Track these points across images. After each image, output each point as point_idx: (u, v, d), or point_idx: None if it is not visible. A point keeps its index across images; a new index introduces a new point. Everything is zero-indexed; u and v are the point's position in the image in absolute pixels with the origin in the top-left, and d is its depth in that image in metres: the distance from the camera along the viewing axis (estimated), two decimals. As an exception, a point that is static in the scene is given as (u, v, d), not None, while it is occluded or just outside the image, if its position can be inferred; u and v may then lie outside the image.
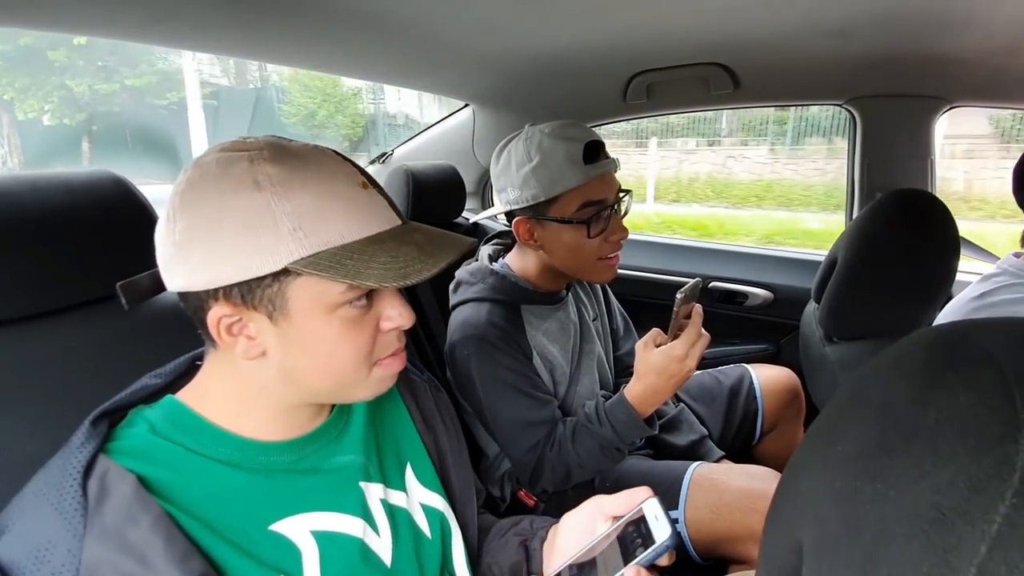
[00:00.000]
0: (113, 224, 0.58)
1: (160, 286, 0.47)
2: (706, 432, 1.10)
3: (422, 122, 9.17)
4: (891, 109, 1.26)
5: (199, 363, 0.51)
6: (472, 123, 1.63)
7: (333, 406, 0.55)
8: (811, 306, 1.12)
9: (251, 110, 9.25)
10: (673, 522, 0.45)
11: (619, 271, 0.92)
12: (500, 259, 1.00)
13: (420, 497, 0.57)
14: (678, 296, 0.75)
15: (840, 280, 0.92)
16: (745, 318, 1.56)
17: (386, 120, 9.71)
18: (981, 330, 0.19)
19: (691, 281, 0.78)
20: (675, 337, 0.79)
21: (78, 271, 0.55)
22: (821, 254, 1.45)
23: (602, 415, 0.84)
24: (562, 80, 1.28)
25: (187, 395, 0.49)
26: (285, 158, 0.43)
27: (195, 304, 0.44)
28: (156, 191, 0.63)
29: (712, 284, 1.57)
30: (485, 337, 0.87)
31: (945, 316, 0.98)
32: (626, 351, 1.16)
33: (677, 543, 0.44)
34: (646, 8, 0.85)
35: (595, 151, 0.85)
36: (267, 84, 10.04)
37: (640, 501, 0.48)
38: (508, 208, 0.90)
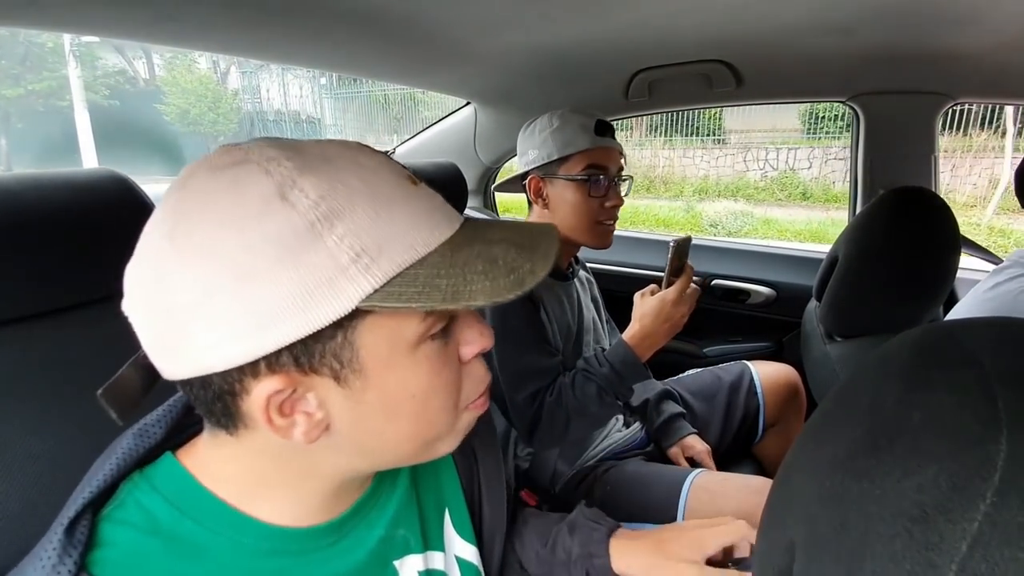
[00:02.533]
0: (115, 222, 0.58)
1: (154, 376, 0.35)
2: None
3: (318, 118, 10.62)
4: (895, 105, 1.25)
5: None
6: (474, 121, 1.63)
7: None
8: (812, 304, 1.11)
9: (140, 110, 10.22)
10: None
11: (621, 269, 0.96)
12: None
13: (457, 550, 0.50)
14: (671, 245, 0.86)
15: (841, 278, 0.91)
16: (747, 316, 1.56)
17: (273, 118, 10.89)
18: (965, 330, 0.19)
19: (683, 235, 0.91)
20: (669, 285, 0.89)
21: (80, 270, 0.55)
22: (823, 252, 1.45)
23: (600, 358, 0.90)
24: (564, 78, 1.28)
25: (194, 464, 0.37)
26: (311, 160, 0.32)
27: (220, 389, 0.32)
28: (156, 190, 0.63)
29: (714, 282, 1.57)
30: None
31: (957, 313, 0.98)
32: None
33: None
34: (648, 5, 0.84)
35: (605, 128, 0.98)
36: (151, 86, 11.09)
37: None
38: (526, 168, 1.01)
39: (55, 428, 0.50)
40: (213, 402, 0.33)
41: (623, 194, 1.02)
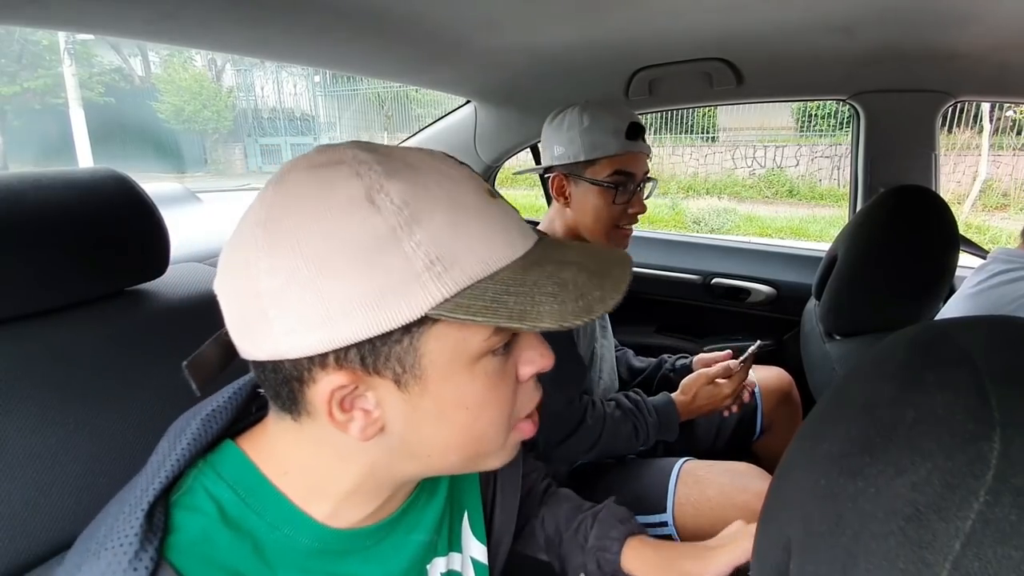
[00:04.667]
0: (116, 221, 0.58)
1: (231, 354, 0.37)
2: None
3: (312, 116, 10.75)
4: (895, 104, 1.25)
5: (260, 389, 0.40)
6: (474, 120, 1.63)
7: None
8: (812, 303, 1.11)
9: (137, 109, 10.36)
10: None
11: None
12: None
13: (472, 551, 0.51)
14: (752, 350, 1.01)
15: (840, 277, 0.91)
16: (747, 314, 1.56)
17: (268, 115, 11.05)
18: (959, 329, 0.20)
19: (756, 344, 1.02)
20: (726, 377, 1.00)
21: (81, 268, 0.55)
22: (824, 250, 1.45)
23: (648, 407, 0.97)
24: (564, 76, 1.28)
25: (257, 454, 0.38)
26: (398, 166, 0.33)
27: (289, 375, 0.33)
28: (156, 188, 0.63)
29: (715, 280, 1.57)
30: None
31: (946, 312, 0.98)
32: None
33: None
34: (648, 3, 0.84)
35: (637, 132, 0.95)
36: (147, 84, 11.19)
37: None
38: (552, 163, 0.99)
39: (56, 427, 0.50)
40: (281, 385, 0.34)
41: (646, 196, 1.01)
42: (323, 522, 0.38)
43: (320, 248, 0.30)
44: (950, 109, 1.28)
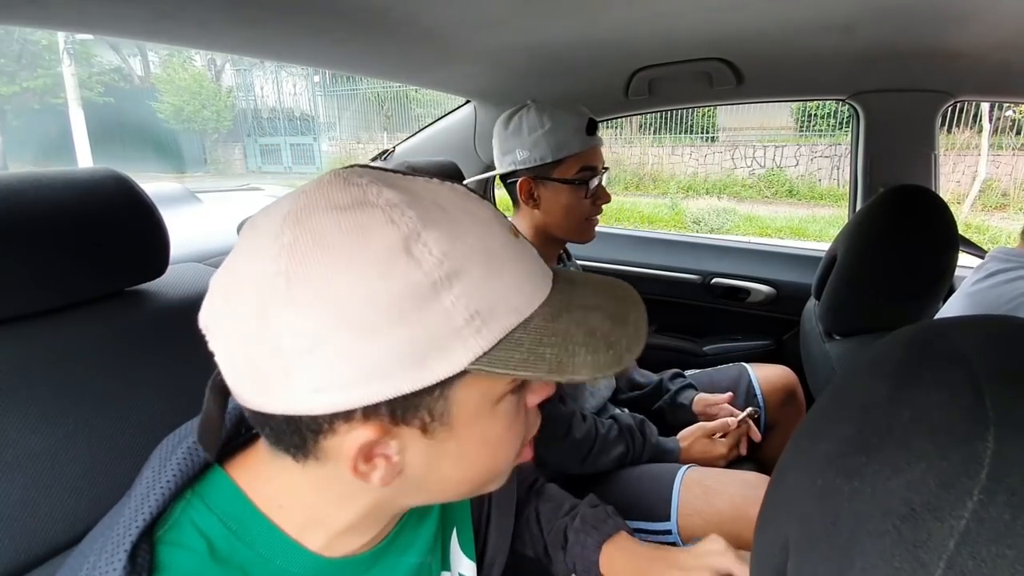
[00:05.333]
0: (116, 221, 0.58)
1: (226, 396, 0.34)
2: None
3: (312, 116, 10.74)
4: (895, 103, 1.25)
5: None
6: (474, 119, 1.63)
7: None
8: (811, 303, 1.11)
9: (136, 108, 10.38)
10: None
11: (621, 267, 0.96)
12: None
13: (461, 568, 0.51)
14: (741, 416, 1.05)
15: (840, 276, 0.91)
16: (747, 314, 1.56)
17: (268, 115, 11.09)
18: (955, 329, 0.20)
19: (750, 410, 1.07)
20: (724, 435, 1.04)
21: (81, 268, 0.55)
22: (824, 250, 1.45)
23: (651, 435, 1.01)
24: (564, 76, 1.28)
25: (249, 483, 0.36)
26: (430, 210, 0.31)
27: (305, 427, 0.31)
28: (156, 188, 0.63)
29: (715, 280, 1.57)
30: None
31: (944, 313, 0.99)
32: None
33: None
34: (648, 3, 0.84)
35: (594, 127, 0.99)
36: (146, 84, 11.22)
37: None
38: (513, 168, 0.99)
39: (55, 427, 0.50)
40: (291, 435, 0.32)
41: (604, 183, 1.04)
42: (318, 552, 0.37)
43: (356, 307, 0.28)
44: (950, 109, 1.28)
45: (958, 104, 1.75)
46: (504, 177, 1.03)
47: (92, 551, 0.33)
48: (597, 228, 1.04)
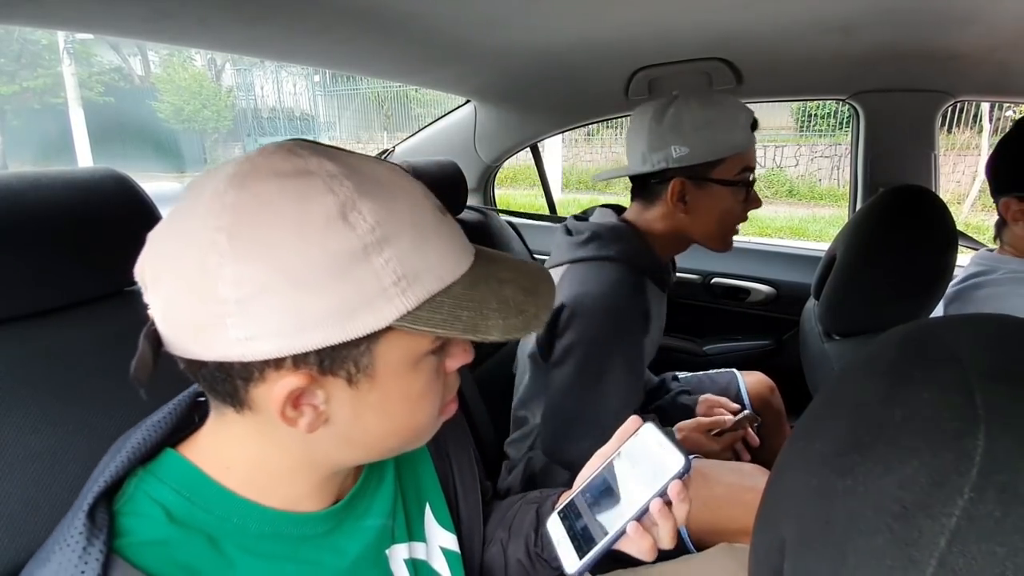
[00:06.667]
0: (115, 221, 0.58)
1: (159, 348, 0.36)
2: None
3: (312, 116, 10.77)
4: (895, 103, 1.25)
5: (201, 399, 0.42)
6: (474, 119, 1.63)
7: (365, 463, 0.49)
8: (811, 303, 1.12)
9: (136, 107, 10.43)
10: (681, 446, 0.44)
11: None
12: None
13: (439, 540, 0.54)
14: (737, 419, 1.04)
15: (839, 276, 0.92)
16: (747, 314, 1.56)
17: (268, 115, 11.05)
18: (946, 328, 0.20)
19: (747, 413, 1.05)
20: (718, 434, 1.01)
21: (81, 268, 0.55)
22: (823, 250, 1.45)
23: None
24: (564, 76, 1.28)
25: (198, 456, 0.39)
26: (367, 184, 0.34)
27: (236, 374, 0.34)
28: (156, 188, 0.63)
29: (715, 280, 1.57)
30: (627, 306, 0.86)
31: (937, 314, 0.99)
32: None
33: (690, 465, 0.43)
34: (648, 3, 0.84)
35: (755, 122, 0.89)
36: (146, 84, 11.26)
37: (634, 429, 0.48)
38: (665, 166, 0.88)
39: (55, 427, 0.50)
40: (223, 382, 0.35)
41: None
42: (269, 506, 0.40)
43: (295, 262, 0.31)
44: (950, 109, 1.29)
45: (958, 104, 1.75)
46: (652, 178, 0.92)
47: (58, 527, 0.36)
48: None
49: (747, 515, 0.82)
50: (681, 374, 1.29)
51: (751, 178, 0.89)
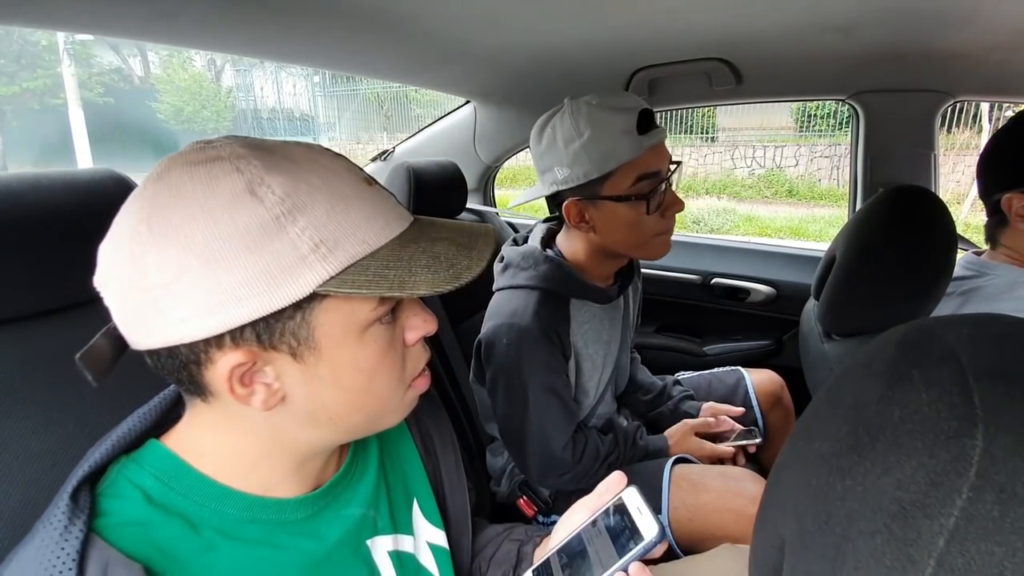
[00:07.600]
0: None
1: (123, 346, 0.38)
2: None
3: (311, 116, 10.78)
4: (894, 103, 1.25)
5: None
6: (473, 119, 1.63)
7: (348, 452, 0.49)
8: (811, 303, 1.11)
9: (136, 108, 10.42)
10: (657, 516, 0.46)
11: None
12: (551, 245, 0.94)
13: (427, 536, 0.54)
14: (737, 435, 1.05)
15: (839, 277, 0.91)
16: (747, 314, 1.56)
17: (268, 116, 11.10)
18: (945, 327, 0.20)
19: (752, 434, 1.06)
20: (714, 440, 1.03)
21: (81, 269, 0.55)
22: (823, 250, 1.45)
23: (639, 444, 0.98)
24: (564, 76, 1.28)
25: (177, 445, 0.41)
26: (277, 160, 0.36)
27: (186, 359, 0.36)
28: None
29: (714, 280, 1.57)
30: (531, 331, 0.82)
31: (934, 314, 0.99)
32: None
33: (664, 537, 0.45)
34: (648, 3, 0.84)
35: (648, 120, 0.79)
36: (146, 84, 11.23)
37: (618, 490, 0.49)
38: (555, 189, 0.82)
39: (55, 427, 0.50)
40: (179, 370, 0.37)
41: (676, 186, 0.85)
42: (246, 491, 0.41)
43: (208, 241, 0.33)
44: (949, 109, 1.28)
45: (958, 104, 1.75)
46: (550, 198, 0.86)
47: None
48: None
49: (736, 521, 0.82)
50: (685, 374, 1.27)
51: (656, 186, 0.79)
